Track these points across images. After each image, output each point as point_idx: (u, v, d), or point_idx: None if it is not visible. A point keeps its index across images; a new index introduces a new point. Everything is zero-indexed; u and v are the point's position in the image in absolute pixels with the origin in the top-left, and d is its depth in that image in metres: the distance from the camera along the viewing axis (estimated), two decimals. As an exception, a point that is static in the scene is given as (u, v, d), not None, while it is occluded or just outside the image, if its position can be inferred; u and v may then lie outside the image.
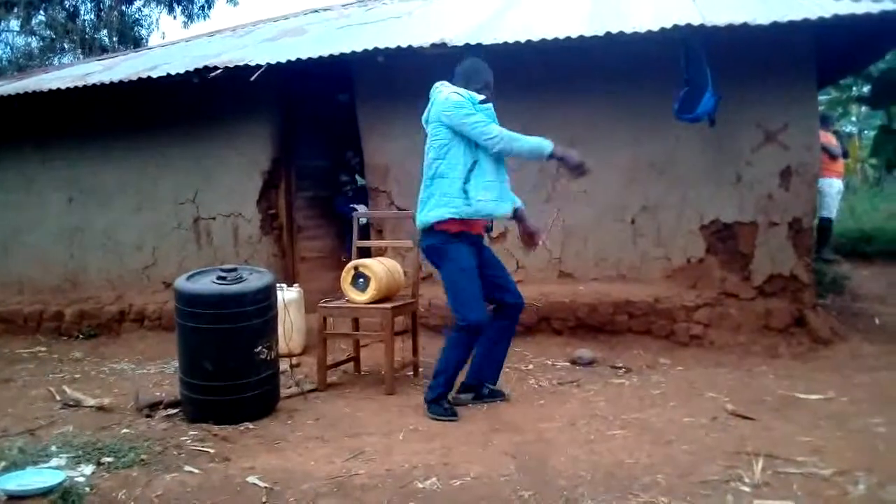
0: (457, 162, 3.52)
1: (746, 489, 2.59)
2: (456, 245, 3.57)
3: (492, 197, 3.56)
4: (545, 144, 3.54)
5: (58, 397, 4.18)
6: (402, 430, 3.38)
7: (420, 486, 2.71)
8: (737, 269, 4.99)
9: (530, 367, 4.50)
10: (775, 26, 4.28)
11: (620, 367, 4.42)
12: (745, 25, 4.29)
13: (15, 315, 6.29)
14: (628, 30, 4.49)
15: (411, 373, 4.43)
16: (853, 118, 16.35)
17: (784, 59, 4.79)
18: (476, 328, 3.57)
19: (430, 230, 3.60)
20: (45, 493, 2.61)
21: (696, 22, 4.40)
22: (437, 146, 3.56)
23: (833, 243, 8.00)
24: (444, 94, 3.57)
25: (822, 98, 8.89)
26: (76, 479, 2.77)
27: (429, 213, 3.58)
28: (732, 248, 5.00)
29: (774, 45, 4.65)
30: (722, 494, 2.55)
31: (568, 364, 4.54)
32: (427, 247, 3.69)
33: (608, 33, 4.50)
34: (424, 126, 3.71)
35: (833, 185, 7.77)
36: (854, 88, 12.76)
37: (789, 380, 4.07)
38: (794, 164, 4.88)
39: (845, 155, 8.44)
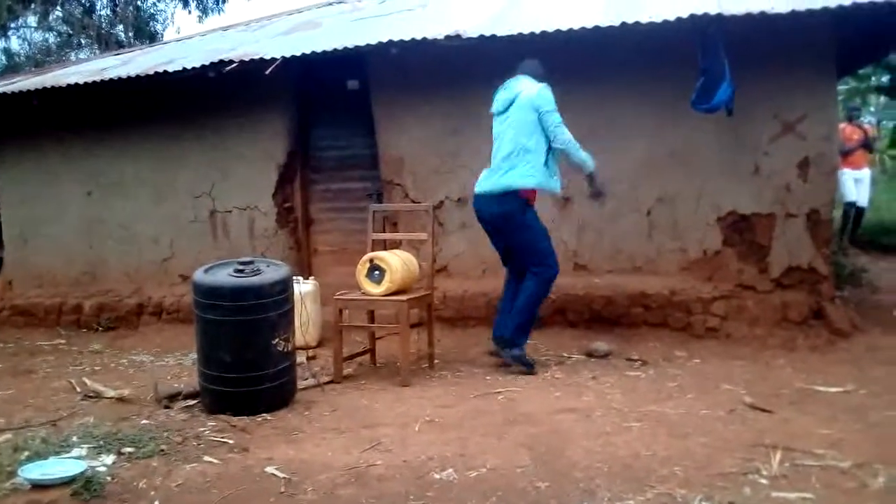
0: (541, 143, 4.17)
1: (764, 482, 2.59)
2: (532, 210, 4.27)
3: (559, 175, 4.30)
4: (591, 162, 4.30)
5: (78, 389, 4.25)
6: (418, 422, 3.40)
7: (437, 477, 2.73)
8: (754, 261, 4.95)
9: (545, 359, 4.50)
10: (794, 15, 4.22)
11: (636, 360, 4.41)
12: (763, 14, 4.24)
13: (35, 307, 6.39)
14: (644, 20, 4.44)
15: (427, 364, 4.45)
16: (872, 108, 16.11)
17: (802, 48, 4.73)
18: (556, 277, 4.29)
19: (512, 194, 4.17)
20: (68, 481, 2.66)
21: (713, 11, 4.35)
22: (527, 127, 4.15)
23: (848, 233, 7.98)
24: (536, 87, 4.19)
25: (840, 88, 8.78)
26: (97, 468, 2.83)
27: (517, 178, 4.15)
28: (749, 240, 4.96)
29: (793, 34, 4.58)
30: (739, 487, 2.55)
31: (583, 356, 4.54)
32: (504, 211, 4.22)
33: (624, 24, 4.46)
34: (500, 108, 4.27)
35: (846, 174, 7.83)
36: (873, 78, 12.57)
37: (807, 372, 4.04)
38: (813, 154, 4.82)
39: (868, 147, 8.39)
